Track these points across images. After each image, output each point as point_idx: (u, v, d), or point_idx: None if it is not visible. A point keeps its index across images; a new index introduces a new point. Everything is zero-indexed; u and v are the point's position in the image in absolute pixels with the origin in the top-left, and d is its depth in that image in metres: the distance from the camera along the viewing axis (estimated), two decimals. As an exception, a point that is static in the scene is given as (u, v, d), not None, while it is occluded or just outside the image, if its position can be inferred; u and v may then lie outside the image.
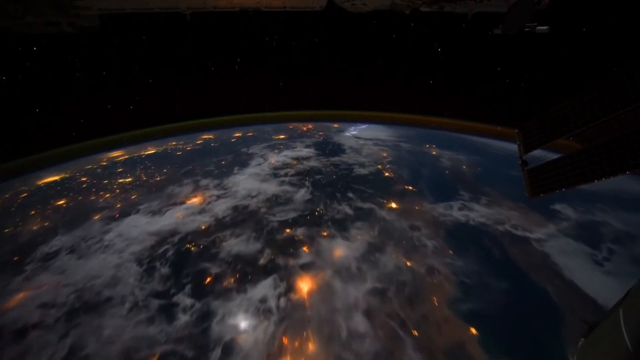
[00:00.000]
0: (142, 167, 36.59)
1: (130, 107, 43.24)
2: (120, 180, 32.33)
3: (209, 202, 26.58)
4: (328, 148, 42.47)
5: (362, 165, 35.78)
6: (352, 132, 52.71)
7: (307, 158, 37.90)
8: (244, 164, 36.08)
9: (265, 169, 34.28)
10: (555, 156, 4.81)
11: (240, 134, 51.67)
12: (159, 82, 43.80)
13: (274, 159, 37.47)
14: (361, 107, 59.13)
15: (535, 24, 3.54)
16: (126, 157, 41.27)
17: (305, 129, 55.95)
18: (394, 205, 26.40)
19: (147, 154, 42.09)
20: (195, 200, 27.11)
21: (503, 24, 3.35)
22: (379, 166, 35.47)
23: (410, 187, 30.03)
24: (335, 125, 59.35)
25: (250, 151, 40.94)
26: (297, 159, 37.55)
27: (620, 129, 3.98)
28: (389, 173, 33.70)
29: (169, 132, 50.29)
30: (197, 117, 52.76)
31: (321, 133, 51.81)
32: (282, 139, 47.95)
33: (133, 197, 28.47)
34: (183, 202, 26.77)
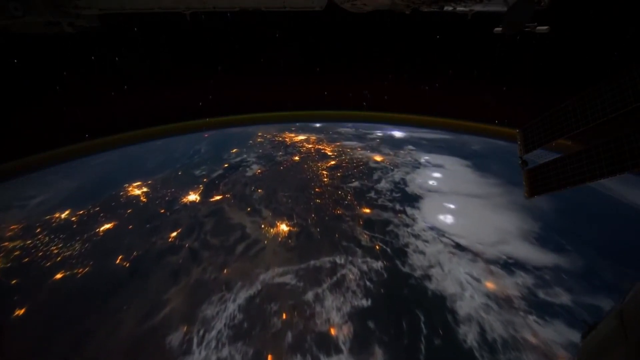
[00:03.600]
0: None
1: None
2: None
3: None
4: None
5: None
6: (430, 217, 24.12)
7: None
8: None
9: None
10: (555, 156, 4.83)
11: (201, 190, 29.07)
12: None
13: None
14: (390, 108, 49.61)
15: (535, 24, 3.55)
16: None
17: (319, 169, 34.08)
18: None
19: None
20: None
21: (503, 24, 3.36)
22: None
23: None
24: (376, 158, 35.63)
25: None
26: None
27: (620, 129, 3.99)
28: None
29: (119, 143, 39.89)
30: (164, 122, 45.00)
31: (357, 211, 25.50)
32: (279, 237, 22.46)
33: None
34: None
